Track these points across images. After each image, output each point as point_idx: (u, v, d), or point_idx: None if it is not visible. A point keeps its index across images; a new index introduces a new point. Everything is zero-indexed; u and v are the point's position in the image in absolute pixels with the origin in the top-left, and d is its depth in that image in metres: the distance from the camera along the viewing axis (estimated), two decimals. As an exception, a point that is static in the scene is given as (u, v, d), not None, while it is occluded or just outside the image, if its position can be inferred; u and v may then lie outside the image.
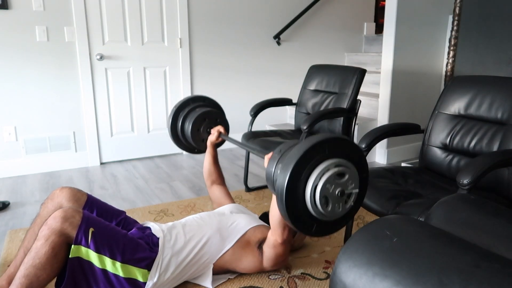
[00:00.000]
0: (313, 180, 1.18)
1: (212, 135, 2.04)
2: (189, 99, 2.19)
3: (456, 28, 3.37)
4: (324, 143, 1.21)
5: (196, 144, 2.12)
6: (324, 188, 1.18)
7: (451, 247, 0.68)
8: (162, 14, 3.46)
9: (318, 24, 4.23)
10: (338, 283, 0.72)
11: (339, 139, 1.25)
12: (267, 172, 1.35)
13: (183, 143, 2.20)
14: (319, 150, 1.20)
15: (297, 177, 1.18)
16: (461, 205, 1.00)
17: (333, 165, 1.20)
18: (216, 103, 2.26)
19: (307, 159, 1.18)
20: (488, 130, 1.83)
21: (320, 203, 1.19)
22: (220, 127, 2.05)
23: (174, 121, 2.14)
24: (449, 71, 3.47)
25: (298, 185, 1.19)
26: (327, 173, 1.19)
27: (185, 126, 2.12)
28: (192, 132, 2.08)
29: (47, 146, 3.24)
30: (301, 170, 1.18)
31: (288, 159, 1.20)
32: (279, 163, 1.31)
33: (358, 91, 2.56)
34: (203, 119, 2.10)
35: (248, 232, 1.70)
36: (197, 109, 2.14)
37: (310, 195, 1.19)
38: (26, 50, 3.03)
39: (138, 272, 1.46)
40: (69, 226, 1.37)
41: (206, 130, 2.11)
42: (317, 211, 1.21)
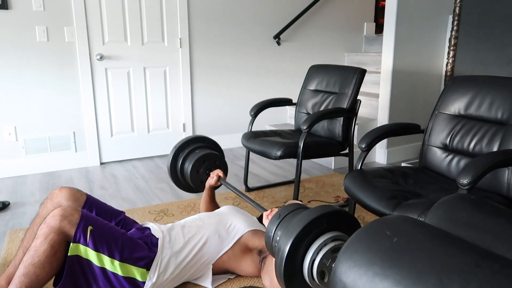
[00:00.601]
0: (310, 255, 1.22)
1: (211, 179, 2.06)
2: (189, 139, 2.21)
3: (456, 28, 3.37)
4: (323, 217, 1.24)
5: (195, 185, 2.16)
6: (321, 262, 1.21)
7: (451, 247, 0.68)
8: (162, 14, 3.46)
9: (318, 24, 4.23)
10: (338, 283, 0.72)
11: (339, 212, 1.28)
12: (267, 235, 1.40)
13: (182, 183, 2.23)
14: (317, 224, 1.23)
15: (296, 251, 1.21)
16: (461, 205, 1.00)
17: (330, 239, 1.23)
18: (215, 143, 2.29)
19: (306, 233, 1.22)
20: (488, 130, 1.83)
21: (318, 278, 1.22)
22: (219, 171, 2.07)
23: (173, 161, 2.17)
24: (449, 71, 3.47)
25: (297, 257, 1.22)
26: (324, 248, 1.22)
27: (185, 167, 2.15)
28: (191, 174, 2.11)
29: (47, 146, 3.24)
30: (300, 243, 1.21)
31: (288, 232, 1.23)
32: (278, 229, 1.36)
33: (358, 91, 2.56)
34: (203, 161, 2.13)
35: (246, 235, 1.70)
36: (197, 151, 2.17)
37: (307, 269, 1.22)
38: (26, 50, 3.03)
39: (136, 271, 1.46)
40: (68, 224, 1.37)
41: (205, 172, 2.14)
42: (314, 283, 1.24)
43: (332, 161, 3.35)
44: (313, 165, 3.44)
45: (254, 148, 2.49)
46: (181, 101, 3.70)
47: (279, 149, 2.31)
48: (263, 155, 2.42)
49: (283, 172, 3.27)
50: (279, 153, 2.30)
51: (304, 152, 2.30)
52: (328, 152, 2.54)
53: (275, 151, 2.32)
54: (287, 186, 2.92)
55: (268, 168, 3.37)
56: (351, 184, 1.79)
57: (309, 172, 3.26)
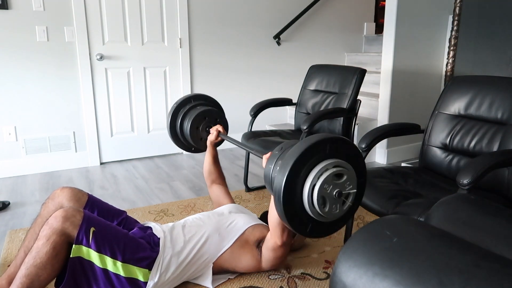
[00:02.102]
0: (311, 179, 1.17)
1: (212, 134, 2.04)
2: (190, 96, 2.17)
3: (456, 28, 3.37)
4: (326, 142, 1.20)
5: (194, 143, 2.11)
6: (322, 188, 1.17)
7: (451, 247, 0.69)
8: (162, 14, 3.46)
9: (318, 24, 4.23)
10: (338, 283, 0.72)
11: (341, 139, 1.24)
12: (266, 171, 1.34)
13: (181, 141, 2.18)
14: (319, 149, 1.19)
15: (296, 175, 1.17)
16: (461, 205, 1.00)
17: (332, 165, 1.19)
18: (217, 102, 2.26)
19: (308, 156, 1.17)
20: (488, 130, 1.83)
21: (318, 203, 1.19)
22: (219, 126, 2.05)
23: (173, 117, 2.13)
24: (449, 71, 3.47)
25: (297, 183, 1.18)
26: (325, 173, 1.18)
27: (185, 123, 2.11)
28: (191, 130, 2.06)
29: (47, 146, 3.24)
30: (300, 167, 1.17)
31: (288, 156, 1.19)
32: (278, 160, 1.29)
33: (358, 91, 2.56)
34: (203, 117, 2.09)
35: (247, 231, 1.70)
36: (198, 107, 2.13)
37: (308, 194, 1.18)
38: (26, 50, 3.03)
39: (139, 271, 1.47)
40: (70, 226, 1.37)
41: (205, 129, 2.10)
42: (314, 211, 1.20)
43: (332, 161, 3.35)
44: (313, 165, 3.43)
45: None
46: (181, 101, 3.70)
47: (279, 149, 2.31)
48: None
49: (283, 172, 3.27)
50: (279, 153, 2.30)
51: (304, 152, 2.30)
52: (328, 152, 2.54)
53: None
54: (287, 186, 2.92)
55: (268, 168, 3.37)
56: (351, 184, 1.79)
57: (309, 172, 3.25)
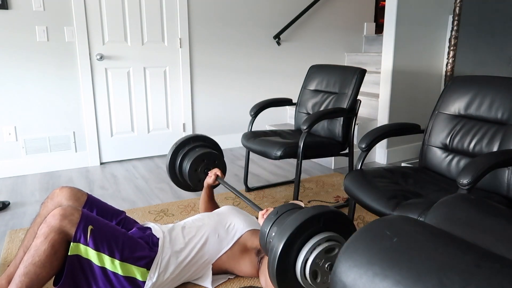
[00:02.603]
0: (304, 253, 1.21)
1: (210, 178, 2.06)
2: (190, 138, 2.21)
3: (456, 28, 3.37)
4: (321, 216, 1.24)
5: (192, 184, 2.15)
6: (314, 262, 1.21)
7: (451, 247, 0.68)
8: (162, 14, 3.46)
9: (318, 24, 4.23)
10: (338, 283, 0.72)
11: (336, 213, 1.27)
12: (261, 232, 1.39)
13: (179, 180, 2.22)
14: (314, 223, 1.23)
15: (290, 248, 1.21)
16: (461, 205, 1.00)
17: (325, 239, 1.23)
18: (215, 143, 2.29)
19: (302, 230, 1.21)
20: (488, 130, 1.83)
21: (310, 276, 1.22)
22: (218, 170, 2.07)
23: (173, 158, 2.17)
24: (449, 71, 3.47)
25: (290, 256, 1.22)
26: (318, 248, 1.22)
27: (184, 164, 2.15)
28: (189, 171, 2.11)
29: (47, 146, 3.24)
30: (295, 240, 1.21)
31: (284, 228, 1.23)
32: (274, 226, 1.35)
33: (358, 91, 2.56)
34: (202, 160, 2.12)
35: (245, 235, 1.70)
36: (197, 149, 2.17)
37: (300, 267, 1.22)
38: (26, 50, 3.03)
39: (137, 270, 1.46)
40: (68, 224, 1.37)
41: (203, 170, 2.14)
42: (306, 282, 1.24)
43: (332, 161, 3.36)
44: (313, 165, 3.44)
45: (254, 148, 2.49)
46: (181, 101, 3.70)
47: (279, 149, 2.31)
48: (263, 155, 2.42)
49: (283, 172, 3.27)
50: (279, 153, 2.30)
51: (304, 152, 2.31)
52: (328, 152, 2.54)
53: (275, 151, 2.32)
54: (287, 186, 2.92)
55: (268, 168, 3.37)
56: (351, 184, 1.79)
57: (309, 172, 3.26)
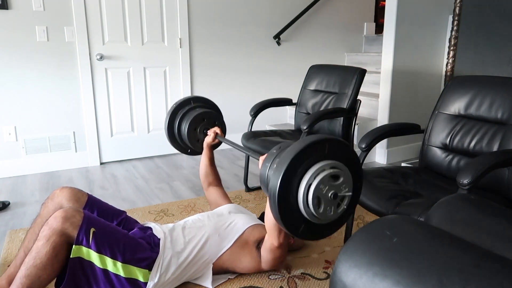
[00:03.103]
0: (307, 178, 1.16)
1: (209, 136, 2.04)
2: (190, 98, 2.18)
3: (456, 28, 3.37)
4: (325, 142, 1.19)
5: (191, 144, 2.11)
6: (317, 188, 1.16)
7: (451, 247, 0.68)
8: (162, 14, 3.46)
9: (318, 24, 4.23)
10: (338, 283, 0.72)
11: (340, 141, 1.23)
12: (262, 170, 1.32)
13: (177, 141, 2.18)
14: (318, 149, 1.18)
15: (293, 172, 1.15)
16: (461, 205, 1.00)
17: (329, 166, 1.18)
18: (216, 106, 2.26)
19: (306, 155, 1.15)
20: (488, 130, 1.83)
21: (313, 204, 1.17)
22: (217, 129, 2.05)
23: (172, 118, 2.13)
24: (449, 71, 3.47)
25: (292, 181, 1.17)
26: (322, 173, 1.17)
27: (183, 124, 2.11)
28: (189, 130, 2.07)
29: (47, 146, 3.24)
30: (298, 165, 1.15)
31: (286, 154, 1.18)
32: (276, 158, 1.28)
33: (358, 91, 2.56)
34: (202, 119, 2.09)
35: (246, 232, 1.70)
36: (197, 109, 2.13)
37: (303, 194, 1.17)
38: (26, 50, 3.03)
39: (139, 272, 1.47)
40: (70, 226, 1.37)
41: (203, 131, 2.10)
42: (309, 211, 1.19)
43: (332, 161, 3.35)
44: (313, 165, 3.43)
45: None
46: (181, 101, 3.70)
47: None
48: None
49: (283, 172, 3.27)
50: (279, 153, 2.30)
51: (304, 152, 2.30)
52: (328, 152, 2.54)
53: (275, 151, 2.32)
54: (287, 186, 2.92)
55: (268, 168, 3.37)
56: (351, 184, 1.79)
57: (309, 172, 3.25)
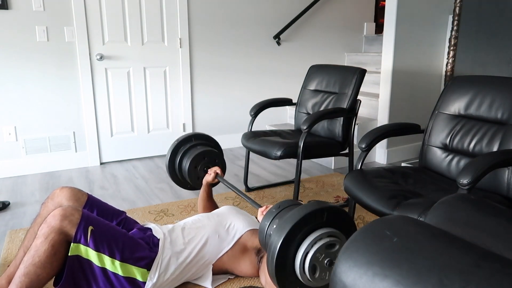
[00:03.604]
0: (305, 246, 1.20)
1: (209, 175, 2.05)
2: (191, 135, 2.22)
3: (456, 28, 3.37)
4: (324, 211, 1.23)
5: (191, 181, 2.15)
6: (314, 256, 1.20)
7: (451, 247, 0.68)
8: (162, 14, 3.46)
9: (318, 24, 4.23)
10: (338, 283, 0.72)
11: (339, 210, 1.27)
12: (261, 227, 1.37)
13: (178, 177, 2.22)
14: (317, 217, 1.22)
15: (291, 239, 1.20)
16: (461, 205, 1.00)
17: (326, 234, 1.22)
18: (217, 143, 2.29)
19: (305, 223, 1.20)
20: (488, 130, 1.83)
21: (308, 271, 1.21)
22: (218, 169, 2.07)
23: (173, 154, 2.17)
24: (449, 71, 3.47)
25: (290, 247, 1.21)
26: (319, 242, 1.21)
27: (184, 161, 2.15)
28: (189, 168, 2.10)
29: (47, 146, 3.24)
30: (297, 232, 1.20)
31: (286, 219, 1.21)
32: (276, 219, 1.33)
33: (358, 91, 2.56)
34: (203, 157, 2.12)
35: (246, 235, 1.70)
36: (198, 147, 2.17)
37: (300, 261, 1.21)
38: (26, 50, 3.03)
39: (137, 271, 1.46)
40: (69, 224, 1.37)
41: (203, 168, 2.13)
42: (304, 277, 1.23)
43: (332, 161, 3.36)
44: (313, 165, 3.44)
45: (254, 148, 2.49)
46: (181, 101, 3.70)
47: (279, 149, 2.31)
48: (263, 155, 2.42)
49: (283, 172, 3.27)
50: (279, 153, 2.30)
51: (304, 152, 2.31)
52: (328, 152, 2.54)
53: (275, 151, 2.32)
54: (287, 186, 2.92)
55: (268, 168, 3.37)
56: (351, 184, 1.79)
57: (309, 172, 3.26)
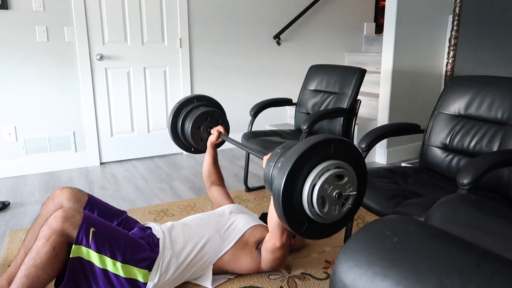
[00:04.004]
0: (312, 177, 1.16)
1: (212, 135, 2.04)
2: (193, 97, 2.18)
3: (456, 28, 3.37)
4: (330, 142, 1.19)
5: (195, 143, 2.11)
6: (322, 187, 1.16)
7: (451, 247, 0.68)
8: (162, 14, 3.46)
9: (318, 24, 4.23)
10: (338, 283, 0.72)
11: (345, 142, 1.23)
12: (266, 169, 1.32)
13: (181, 140, 2.18)
14: (324, 148, 1.18)
15: (297, 172, 1.15)
16: (461, 205, 1.00)
17: (334, 165, 1.18)
18: (219, 104, 2.26)
19: (311, 154, 1.15)
20: (488, 130, 1.83)
21: (317, 203, 1.17)
22: (221, 127, 2.05)
23: (175, 116, 2.13)
24: (449, 71, 3.47)
25: (297, 181, 1.17)
26: (327, 173, 1.17)
27: (186, 122, 2.11)
28: (192, 129, 2.06)
29: (47, 146, 3.24)
30: (303, 164, 1.15)
31: (291, 153, 1.17)
32: (280, 157, 1.27)
33: (358, 91, 2.56)
34: (205, 118, 2.09)
35: (247, 232, 1.70)
36: (201, 108, 2.13)
37: (307, 193, 1.17)
38: (26, 50, 3.03)
39: (138, 272, 1.46)
40: (70, 226, 1.37)
41: (206, 129, 2.10)
42: (313, 211, 1.19)
43: (332, 161, 3.35)
44: (313, 165, 3.43)
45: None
46: (181, 101, 3.70)
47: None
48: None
49: (283, 172, 3.27)
50: (279, 153, 2.30)
51: (304, 152, 2.30)
52: (328, 152, 2.54)
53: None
54: (287, 186, 2.92)
55: (268, 168, 3.37)
56: (351, 184, 1.79)
57: (309, 172, 3.25)
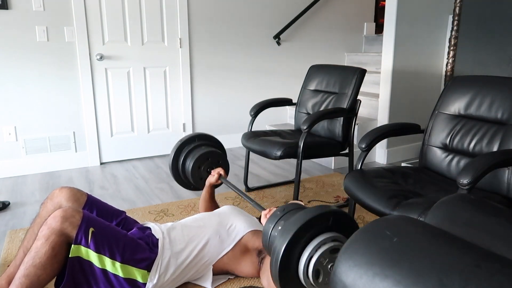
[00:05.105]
0: (309, 250, 1.19)
1: (212, 176, 2.06)
2: (195, 135, 2.22)
3: (456, 28, 3.37)
4: (329, 215, 1.22)
5: (194, 181, 2.15)
6: (318, 260, 1.19)
7: (451, 247, 0.68)
8: (162, 14, 3.46)
9: (318, 24, 4.23)
10: (338, 283, 0.72)
11: (344, 214, 1.26)
12: (265, 229, 1.36)
13: (181, 177, 2.23)
14: (322, 220, 1.21)
15: (296, 242, 1.19)
16: (461, 205, 1.00)
17: (331, 239, 1.22)
18: (220, 143, 2.30)
19: (310, 226, 1.19)
20: (488, 130, 1.83)
21: (312, 275, 1.20)
22: (221, 170, 2.07)
23: (177, 154, 2.17)
24: (449, 71, 3.47)
25: (295, 251, 1.20)
26: (323, 246, 1.20)
27: (187, 161, 2.15)
28: (193, 168, 2.11)
29: (47, 146, 3.24)
30: (302, 236, 1.19)
31: (292, 222, 1.20)
32: (280, 220, 1.32)
33: (358, 91, 2.56)
34: (206, 158, 2.13)
35: (247, 236, 1.70)
36: (202, 147, 2.17)
37: (304, 265, 1.20)
38: (26, 50, 3.03)
39: (137, 272, 1.46)
40: (69, 226, 1.37)
41: (206, 169, 2.14)
42: (308, 281, 1.22)
43: (332, 161, 3.35)
44: (313, 165, 3.44)
45: (254, 148, 2.49)
46: (181, 101, 3.70)
47: (279, 149, 2.31)
48: (263, 155, 2.42)
49: (283, 172, 3.27)
50: (279, 153, 2.30)
51: (304, 152, 2.30)
52: (328, 152, 2.54)
53: (275, 151, 2.32)
54: (287, 186, 2.92)
55: (268, 168, 3.37)
56: (351, 184, 1.79)
57: (309, 172, 3.26)
